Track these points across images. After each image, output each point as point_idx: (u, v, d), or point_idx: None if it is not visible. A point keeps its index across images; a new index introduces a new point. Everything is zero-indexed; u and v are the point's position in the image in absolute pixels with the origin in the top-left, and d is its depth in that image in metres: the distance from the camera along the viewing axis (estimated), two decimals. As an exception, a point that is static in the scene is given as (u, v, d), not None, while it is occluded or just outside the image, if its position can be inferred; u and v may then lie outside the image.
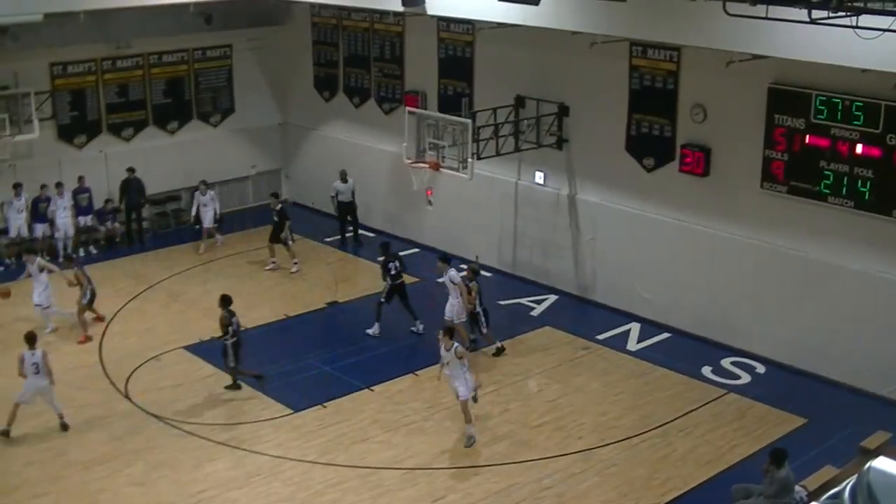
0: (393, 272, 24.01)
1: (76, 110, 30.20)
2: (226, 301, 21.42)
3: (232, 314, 21.32)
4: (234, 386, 21.48)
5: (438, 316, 22.75)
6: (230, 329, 21.16)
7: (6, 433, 19.35)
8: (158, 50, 31.26)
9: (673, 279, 24.03)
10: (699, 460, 18.72)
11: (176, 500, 17.49)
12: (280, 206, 28.53)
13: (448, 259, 23.41)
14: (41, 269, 24.16)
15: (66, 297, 24.43)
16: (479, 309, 23.02)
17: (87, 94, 30.33)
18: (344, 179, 29.96)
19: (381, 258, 24.78)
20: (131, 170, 30.15)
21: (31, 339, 19.68)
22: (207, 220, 29.86)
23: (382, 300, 24.08)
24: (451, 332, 19.66)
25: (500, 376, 21.81)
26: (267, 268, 28.34)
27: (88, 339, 23.80)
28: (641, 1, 20.57)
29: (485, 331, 23.04)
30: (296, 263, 28.18)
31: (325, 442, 19.37)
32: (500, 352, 23.03)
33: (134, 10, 28.44)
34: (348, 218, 30.52)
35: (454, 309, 22.66)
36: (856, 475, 13.89)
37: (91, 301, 24.23)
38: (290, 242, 28.18)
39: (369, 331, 24.03)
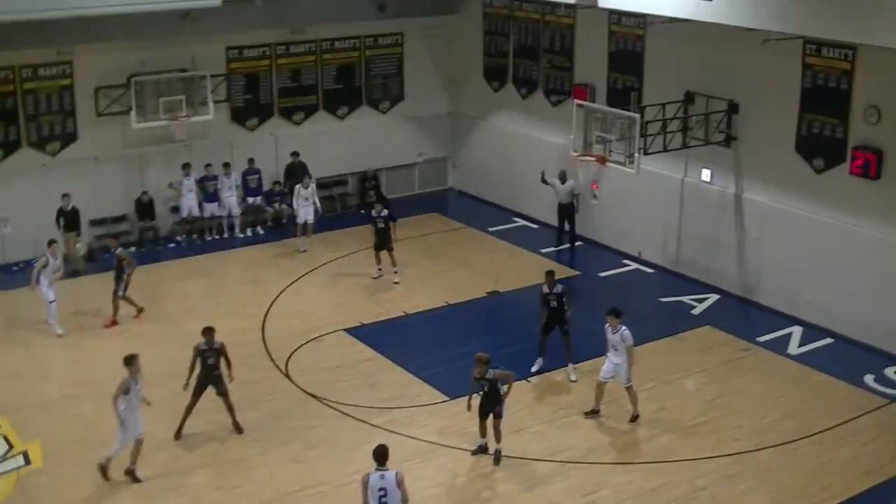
0: (553, 304, 21.44)
1: (249, 94, 30.96)
2: None
3: None
4: None
5: (595, 312, 21.75)
6: None
7: None
8: (331, 36, 31.83)
9: (839, 284, 23.46)
10: (859, 470, 18.27)
11: (331, 479, 17.85)
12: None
13: (620, 313, 19.57)
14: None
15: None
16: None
17: (261, 78, 31.07)
18: (562, 180, 28.51)
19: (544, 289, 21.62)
20: (295, 154, 30.84)
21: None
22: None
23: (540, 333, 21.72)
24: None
25: (657, 374, 21.62)
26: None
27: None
28: (818, -2, 20.19)
29: None
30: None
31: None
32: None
33: (309, -3, 29.10)
34: (565, 221, 29.02)
35: (621, 371, 19.55)
36: None
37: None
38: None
39: (533, 368, 21.80)
